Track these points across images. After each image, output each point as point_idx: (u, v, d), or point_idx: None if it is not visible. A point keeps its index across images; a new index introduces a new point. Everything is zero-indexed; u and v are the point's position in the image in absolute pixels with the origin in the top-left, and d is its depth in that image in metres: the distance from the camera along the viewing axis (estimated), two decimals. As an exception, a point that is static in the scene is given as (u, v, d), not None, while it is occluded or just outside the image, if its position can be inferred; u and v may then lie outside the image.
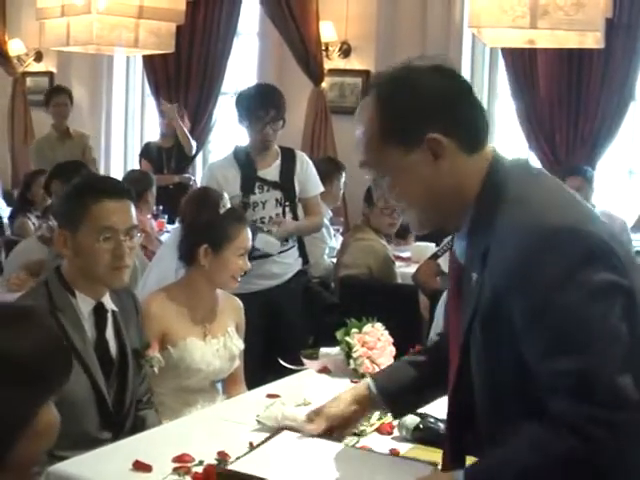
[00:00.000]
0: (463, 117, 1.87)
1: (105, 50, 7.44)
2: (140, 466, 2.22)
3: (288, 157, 4.68)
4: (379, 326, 3.25)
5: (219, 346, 3.22)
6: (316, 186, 4.75)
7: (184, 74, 8.86)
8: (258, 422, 2.58)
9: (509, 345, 1.77)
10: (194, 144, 7.92)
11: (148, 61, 8.87)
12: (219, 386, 3.33)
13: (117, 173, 8.87)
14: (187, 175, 7.97)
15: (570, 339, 1.68)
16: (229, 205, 3.25)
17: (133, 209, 2.76)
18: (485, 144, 1.90)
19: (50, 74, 9.64)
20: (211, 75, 8.71)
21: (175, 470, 2.24)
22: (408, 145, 1.84)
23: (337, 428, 2.30)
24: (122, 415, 2.76)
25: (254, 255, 4.56)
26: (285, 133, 4.74)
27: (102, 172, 8.95)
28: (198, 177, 9.01)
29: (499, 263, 1.76)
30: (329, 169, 5.83)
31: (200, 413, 2.83)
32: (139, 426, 2.81)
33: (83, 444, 2.50)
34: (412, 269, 5.67)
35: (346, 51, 7.57)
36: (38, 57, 9.53)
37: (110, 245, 2.67)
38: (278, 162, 4.64)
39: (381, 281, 5.09)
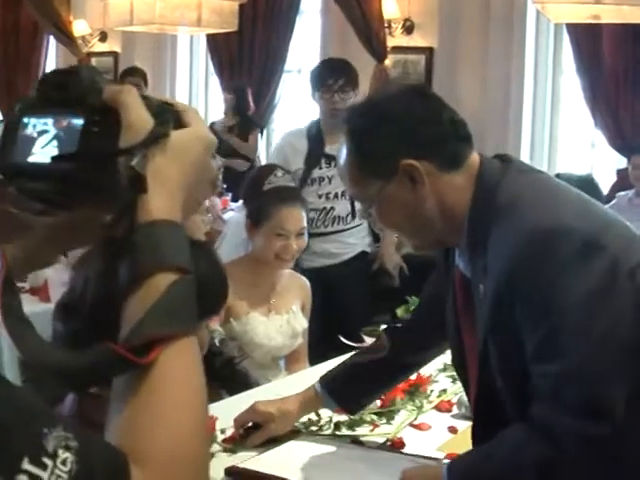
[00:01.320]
0: (435, 136, 1.86)
1: (168, 30, 7.46)
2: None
3: None
4: (439, 304, 3.24)
5: (282, 322, 3.25)
6: None
7: (247, 53, 8.88)
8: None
9: (522, 353, 1.76)
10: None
11: (211, 40, 8.90)
12: (281, 363, 3.36)
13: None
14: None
15: (555, 343, 1.68)
16: (278, 183, 3.22)
17: None
18: (466, 157, 1.88)
19: (115, 54, 9.73)
20: (274, 53, 8.71)
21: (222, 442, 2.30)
22: (384, 176, 1.85)
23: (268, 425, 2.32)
24: None
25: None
26: (349, 111, 4.72)
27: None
28: (262, 155, 9.07)
29: (496, 274, 1.76)
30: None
31: (257, 390, 2.86)
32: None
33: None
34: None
35: (409, 28, 7.51)
36: (103, 37, 9.62)
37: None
38: None
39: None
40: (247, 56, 8.88)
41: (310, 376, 2.89)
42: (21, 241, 1.00)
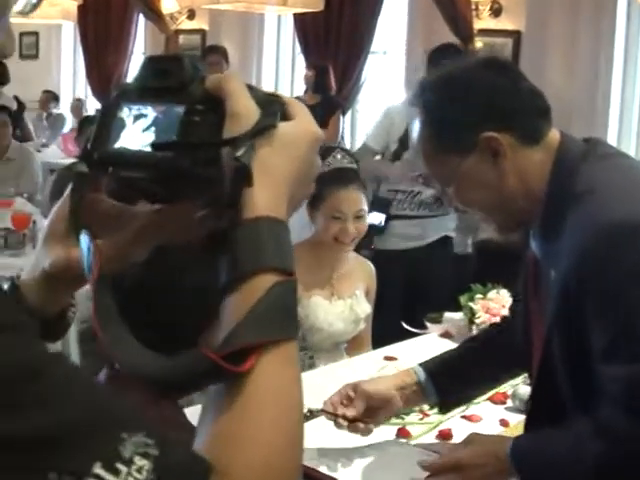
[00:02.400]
0: (515, 108, 1.76)
1: (255, 8, 7.47)
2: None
3: None
4: (504, 293, 3.17)
5: (344, 308, 3.19)
6: None
7: (334, 33, 8.83)
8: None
9: (586, 350, 1.67)
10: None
11: (298, 19, 8.87)
12: (343, 348, 3.30)
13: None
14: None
15: (628, 346, 1.60)
16: (337, 164, 3.14)
17: None
18: (546, 131, 1.79)
19: (202, 32, 9.78)
20: (361, 34, 8.64)
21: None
22: (463, 150, 1.76)
23: (375, 410, 2.11)
24: None
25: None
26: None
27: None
28: (347, 136, 9.03)
29: (566, 265, 1.66)
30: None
31: (312, 372, 2.82)
32: None
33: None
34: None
35: (497, 10, 7.36)
36: (191, 15, 9.66)
37: None
38: None
39: (516, 245, 4.95)
40: (333, 36, 8.83)
41: (369, 360, 2.86)
42: (114, 235, 0.95)
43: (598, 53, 6.91)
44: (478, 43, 7.34)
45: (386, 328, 3.43)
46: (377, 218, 4.48)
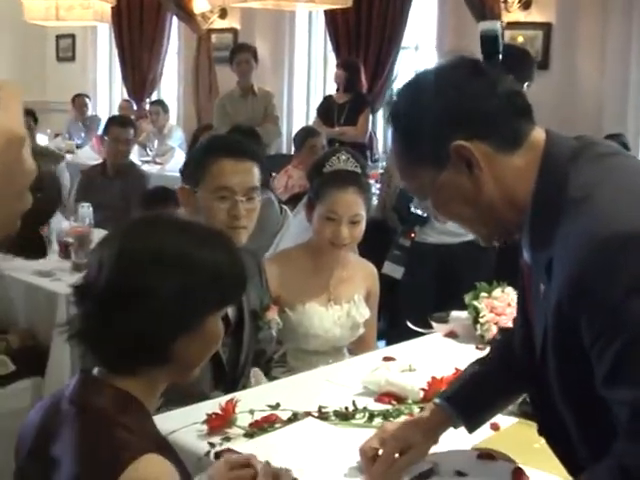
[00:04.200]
0: (488, 113, 1.61)
1: (284, 5, 7.43)
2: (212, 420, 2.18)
3: None
4: (510, 291, 3.08)
5: (341, 313, 3.12)
6: None
7: (364, 29, 8.77)
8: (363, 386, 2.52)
9: (584, 365, 1.55)
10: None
11: (329, 16, 8.83)
12: (345, 350, 3.23)
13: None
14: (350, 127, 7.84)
15: (630, 367, 1.47)
16: (339, 166, 3.05)
17: (256, 171, 2.69)
18: (528, 132, 1.64)
19: (234, 31, 9.76)
20: (391, 30, 8.58)
21: (251, 426, 2.19)
22: (436, 162, 1.63)
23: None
24: (236, 374, 2.74)
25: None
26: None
27: (284, 130, 9.00)
28: (380, 132, 8.95)
29: (562, 278, 1.52)
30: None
31: (310, 373, 2.76)
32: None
33: (192, 400, 2.49)
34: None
35: (526, 3, 7.25)
36: (222, 14, 9.64)
37: (226, 205, 2.62)
38: None
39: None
40: (364, 32, 8.79)
41: (366, 361, 2.79)
42: None
43: (629, 46, 6.78)
44: (519, 38, 7.21)
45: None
46: None
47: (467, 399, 2.01)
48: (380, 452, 1.93)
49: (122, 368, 1.59)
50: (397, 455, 1.93)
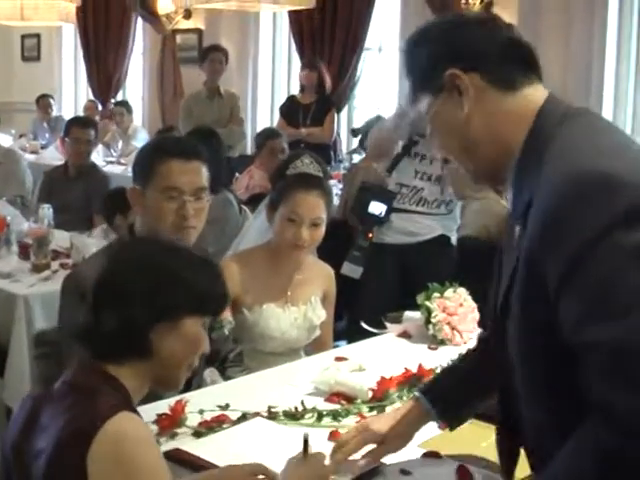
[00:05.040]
0: (485, 50, 1.68)
1: (248, 7, 7.44)
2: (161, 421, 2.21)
3: None
4: (462, 291, 3.13)
5: (298, 315, 3.14)
6: None
7: (328, 30, 8.79)
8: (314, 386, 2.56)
9: (546, 319, 1.52)
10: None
11: (293, 17, 8.85)
12: (301, 351, 3.25)
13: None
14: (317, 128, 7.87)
15: (600, 306, 1.43)
16: (302, 169, 3.08)
17: (204, 171, 2.72)
18: (523, 83, 1.69)
19: (199, 31, 9.76)
20: (355, 31, 8.61)
21: (200, 426, 2.23)
22: (433, 89, 1.70)
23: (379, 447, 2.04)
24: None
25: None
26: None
27: (249, 131, 9.02)
28: (343, 133, 8.99)
29: (534, 217, 1.54)
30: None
31: (262, 373, 2.79)
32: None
33: (146, 400, 2.50)
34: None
35: (488, 3, 7.31)
36: (187, 15, 9.65)
37: (174, 205, 2.64)
38: None
39: (499, 242, 4.90)
40: (328, 33, 8.81)
41: (319, 361, 2.82)
42: None
43: (592, 46, 6.85)
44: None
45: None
46: (378, 208, 4.46)
47: (443, 393, 2.06)
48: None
49: (109, 356, 1.75)
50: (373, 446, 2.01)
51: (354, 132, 7.97)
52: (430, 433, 2.27)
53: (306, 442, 1.87)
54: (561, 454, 1.52)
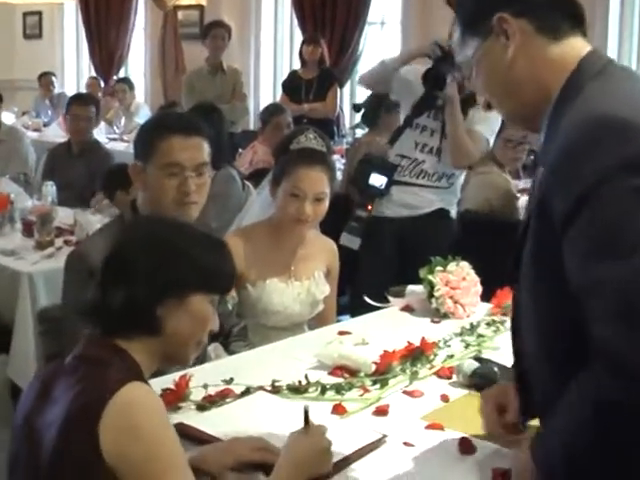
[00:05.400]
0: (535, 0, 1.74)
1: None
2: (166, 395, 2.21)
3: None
4: (465, 265, 3.13)
5: (301, 290, 3.14)
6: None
7: (330, 5, 8.77)
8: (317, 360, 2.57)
9: (555, 264, 1.53)
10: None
11: (295, -9, 8.83)
12: (304, 326, 3.26)
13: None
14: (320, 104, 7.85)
15: (605, 245, 1.43)
16: (306, 144, 3.06)
17: (205, 146, 2.71)
18: (568, 34, 1.73)
19: (200, 7, 9.73)
20: (357, 5, 8.58)
21: (204, 400, 2.24)
22: (482, 32, 1.75)
23: None
24: None
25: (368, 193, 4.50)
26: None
27: (251, 107, 9.01)
28: (346, 108, 8.97)
29: (550, 155, 1.59)
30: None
31: (266, 347, 2.80)
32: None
33: (154, 374, 2.51)
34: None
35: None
36: (189, -10, 9.64)
37: (176, 181, 2.63)
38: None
39: (501, 216, 4.90)
40: (330, 8, 8.78)
41: (322, 335, 2.83)
42: None
43: (591, 39, 6.83)
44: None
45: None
46: (379, 180, 4.44)
47: None
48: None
49: (118, 332, 1.77)
50: None
51: (356, 107, 7.93)
52: (433, 406, 2.30)
53: (307, 414, 1.88)
54: (562, 404, 1.53)
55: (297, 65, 8.74)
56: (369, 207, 4.50)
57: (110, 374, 1.68)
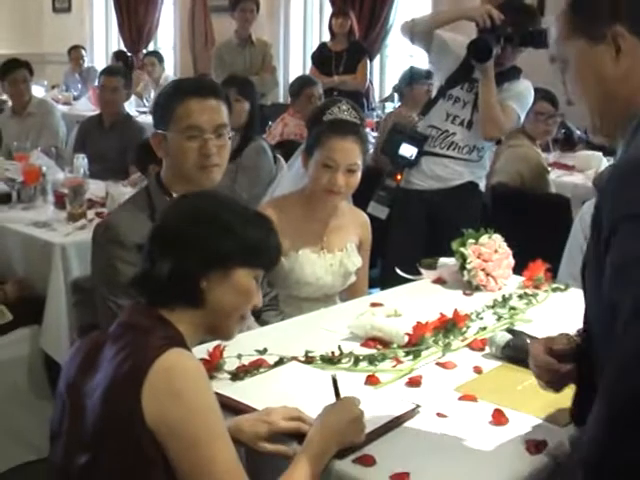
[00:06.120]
0: None
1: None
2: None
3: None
4: (497, 237, 3.12)
5: (334, 261, 3.15)
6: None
7: (360, -24, 8.71)
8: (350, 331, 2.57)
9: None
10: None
11: (326, -37, 8.78)
12: (336, 298, 3.26)
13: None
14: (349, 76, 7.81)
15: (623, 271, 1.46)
16: (339, 115, 3.07)
17: (223, 108, 2.71)
18: None
19: (229, -21, 9.67)
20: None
21: (238, 370, 2.25)
22: (593, 37, 1.73)
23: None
24: None
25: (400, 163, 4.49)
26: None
27: (281, 79, 8.98)
28: (376, 81, 8.93)
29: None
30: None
31: (298, 319, 2.81)
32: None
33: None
34: (575, 178, 5.46)
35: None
36: (218, -39, 9.58)
37: (196, 144, 2.65)
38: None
39: (532, 189, 4.88)
40: (360, -22, 8.71)
41: (355, 307, 2.83)
42: None
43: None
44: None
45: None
46: (409, 151, 4.43)
47: None
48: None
49: (163, 303, 1.82)
50: None
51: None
52: (466, 377, 2.30)
53: (335, 382, 1.89)
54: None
55: (327, 37, 8.71)
56: (398, 177, 4.49)
57: (153, 341, 1.71)
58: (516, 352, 2.35)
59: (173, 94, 2.71)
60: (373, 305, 2.84)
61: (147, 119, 7.97)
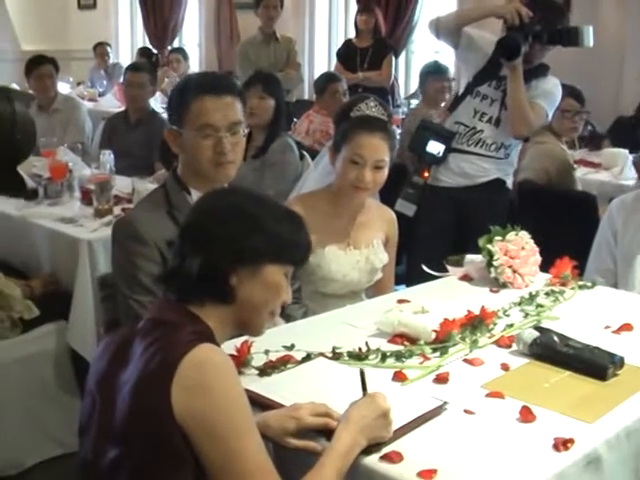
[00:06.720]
0: None
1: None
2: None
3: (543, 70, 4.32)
4: (524, 234, 3.11)
5: (360, 258, 3.15)
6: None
7: (386, -27, 8.69)
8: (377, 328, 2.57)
9: None
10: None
11: (350, -41, 8.77)
12: (362, 294, 3.26)
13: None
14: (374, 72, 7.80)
15: None
16: (367, 112, 3.07)
17: (238, 105, 2.71)
18: None
19: (255, -26, 9.67)
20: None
21: (265, 366, 2.26)
22: None
23: None
24: None
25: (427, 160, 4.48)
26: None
27: (306, 76, 8.98)
28: (401, 78, 8.91)
29: None
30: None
31: (325, 315, 2.81)
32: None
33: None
34: (601, 176, 5.44)
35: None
36: (243, -41, 9.59)
37: (210, 142, 2.65)
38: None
39: (559, 186, 4.86)
40: (385, -25, 8.70)
41: (381, 303, 2.83)
42: None
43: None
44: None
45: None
46: (437, 148, 4.43)
47: None
48: None
49: (192, 298, 1.83)
50: None
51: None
52: (493, 374, 2.29)
53: (363, 376, 1.89)
54: None
55: (352, 34, 8.70)
56: (425, 174, 4.48)
57: (183, 336, 1.72)
58: (543, 349, 2.35)
59: (187, 91, 2.70)
60: (400, 302, 2.84)
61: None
